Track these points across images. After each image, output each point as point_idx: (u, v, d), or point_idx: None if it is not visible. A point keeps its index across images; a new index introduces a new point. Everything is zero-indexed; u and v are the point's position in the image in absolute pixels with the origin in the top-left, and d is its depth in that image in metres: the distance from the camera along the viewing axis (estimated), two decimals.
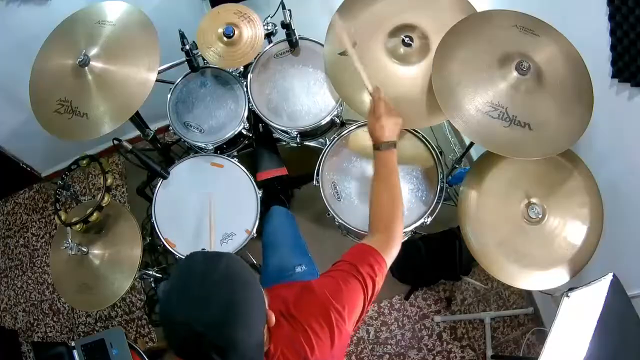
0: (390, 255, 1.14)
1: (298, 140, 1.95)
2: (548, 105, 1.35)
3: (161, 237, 1.81)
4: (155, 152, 2.12)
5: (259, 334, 0.87)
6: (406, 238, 1.97)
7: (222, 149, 1.98)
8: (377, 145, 1.26)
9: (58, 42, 1.64)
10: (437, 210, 1.76)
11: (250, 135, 1.98)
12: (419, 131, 1.84)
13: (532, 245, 1.50)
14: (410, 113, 1.52)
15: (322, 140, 2.03)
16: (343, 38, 1.36)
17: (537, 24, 1.42)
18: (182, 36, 1.70)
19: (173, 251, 1.80)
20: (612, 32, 1.34)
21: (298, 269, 1.59)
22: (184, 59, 1.79)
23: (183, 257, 0.87)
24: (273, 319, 0.91)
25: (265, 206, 1.88)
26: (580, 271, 1.48)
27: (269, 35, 1.90)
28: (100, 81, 1.55)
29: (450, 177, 1.99)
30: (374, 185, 1.24)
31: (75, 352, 1.91)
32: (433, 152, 1.81)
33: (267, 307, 0.90)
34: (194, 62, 1.81)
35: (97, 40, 1.58)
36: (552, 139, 1.35)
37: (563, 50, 1.40)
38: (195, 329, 0.78)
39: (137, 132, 1.95)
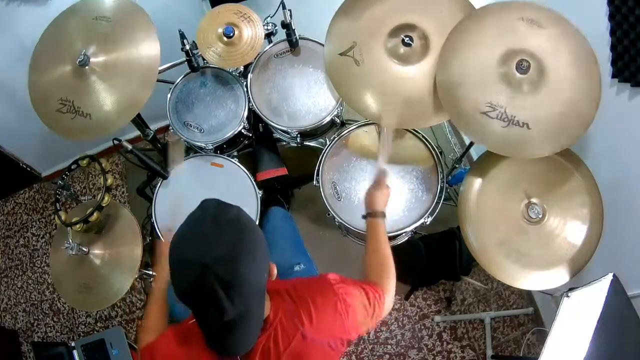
0: (386, 305, 1.18)
1: (298, 140, 1.95)
2: (548, 104, 1.35)
3: (161, 237, 1.81)
4: (155, 152, 2.12)
5: (262, 279, 0.91)
6: (406, 238, 1.97)
7: (222, 148, 1.98)
8: (374, 213, 1.33)
9: (54, 43, 1.62)
10: (437, 210, 1.76)
11: (250, 135, 1.98)
12: (419, 131, 1.84)
13: (532, 245, 1.50)
14: (410, 113, 1.52)
15: (322, 140, 2.03)
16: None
17: (543, 14, 1.39)
18: (182, 36, 1.70)
19: None
20: (612, 32, 1.34)
21: (297, 267, 1.61)
22: (184, 59, 1.79)
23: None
24: (274, 271, 0.97)
25: (265, 206, 1.88)
26: (580, 271, 1.48)
27: (269, 35, 1.90)
28: (104, 76, 1.54)
29: (450, 177, 1.99)
30: (369, 255, 1.29)
31: (75, 352, 1.92)
32: (433, 152, 1.81)
33: (269, 258, 0.94)
34: (194, 62, 1.81)
35: (93, 38, 1.57)
36: (552, 138, 1.35)
37: (570, 40, 1.37)
38: (203, 261, 0.81)
39: (137, 132, 1.95)
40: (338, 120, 1.94)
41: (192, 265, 0.82)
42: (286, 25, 1.79)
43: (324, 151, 1.85)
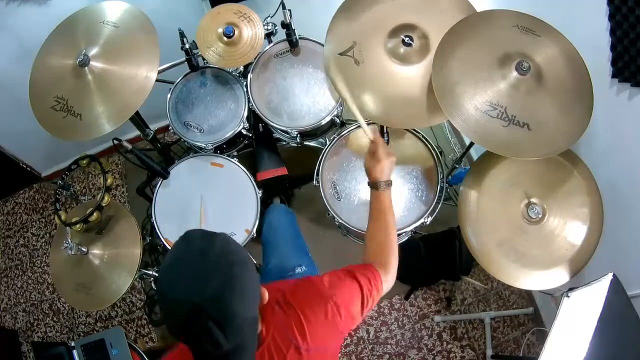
0: (387, 283, 1.16)
1: (298, 140, 1.95)
2: (547, 105, 1.35)
3: (161, 237, 1.81)
4: (155, 152, 2.12)
5: (254, 309, 0.89)
6: (406, 238, 1.97)
7: (222, 148, 1.98)
8: (376, 185, 1.27)
9: (59, 41, 1.64)
10: (437, 210, 1.76)
11: (250, 135, 1.98)
12: (419, 131, 1.84)
13: (532, 245, 1.50)
14: (410, 113, 1.52)
15: (322, 140, 2.03)
16: (341, 90, 1.39)
17: (537, 24, 1.43)
18: (182, 36, 1.70)
19: None
20: (612, 32, 1.34)
21: (298, 270, 1.59)
22: (184, 58, 1.79)
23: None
24: (266, 295, 0.93)
25: (265, 206, 1.88)
26: (580, 271, 1.48)
27: (269, 35, 1.90)
28: (100, 81, 1.55)
29: (450, 177, 1.99)
30: (371, 224, 1.26)
31: (75, 352, 1.91)
32: (433, 152, 1.81)
33: (260, 285, 0.92)
34: (193, 62, 1.81)
35: (97, 40, 1.58)
36: (551, 139, 1.35)
37: (564, 51, 1.40)
38: (195, 302, 0.79)
39: (137, 132, 1.95)
40: (338, 120, 1.94)
41: (182, 305, 0.80)
42: (286, 25, 1.79)
43: (324, 151, 1.85)
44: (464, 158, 2.01)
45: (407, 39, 1.53)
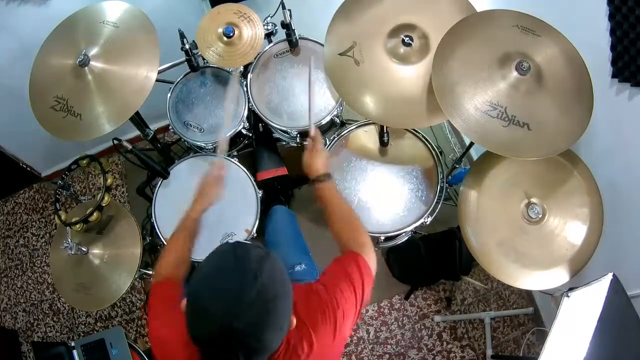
0: (371, 260, 1.15)
1: (298, 140, 1.95)
2: (547, 105, 1.35)
3: (161, 237, 1.81)
4: (155, 152, 2.12)
5: (282, 339, 0.89)
6: (406, 238, 1.97)
7: None
8: (319, 178, 1.32)
9: (59, 41, 1.64)
10: (437, 210, 1.76)
11: (250, 135, 1.98)
12: (419, 131, 1.84)
13: (532, 245, 1.50)
14: (410, 113, 1.52)
15: (322, 140, 2.02)
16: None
17: (537, 24, 1.43)
18: (182, 36, 1.70)
19: None
20: (612, 32, 1.34)
21: (297, 268, 1.60)
22: (184, 58, 1.79)
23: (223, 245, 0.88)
24: (294, 322, 0.91)
25: (266, 206, 1.88)
26: (580, 271, 1.48)
27: (269, 35, 1.90)
28: (100, 81, 1.55)
29: (450, 177, 1.99)
30: (332, 216, 1.26)
31: (75, 352, 1.91)
32: (433, 152, 1.81)
33: (291, 313, 0.89)
34: (193, 62, 1.81)
35: (97, 40, 1.58)
36: (551, 139, 1.35)
37: (564, 51, 1.40)
38: (233, 326, 0.77)
39: (137, 132, 1.95)
40: (338, 120, 1.94)
41: (218, 324, 0.78)
42: (286, 25, 1.79)
43: None
44: (464, 158, 2.01)
45: (407, 39, 1.53)
